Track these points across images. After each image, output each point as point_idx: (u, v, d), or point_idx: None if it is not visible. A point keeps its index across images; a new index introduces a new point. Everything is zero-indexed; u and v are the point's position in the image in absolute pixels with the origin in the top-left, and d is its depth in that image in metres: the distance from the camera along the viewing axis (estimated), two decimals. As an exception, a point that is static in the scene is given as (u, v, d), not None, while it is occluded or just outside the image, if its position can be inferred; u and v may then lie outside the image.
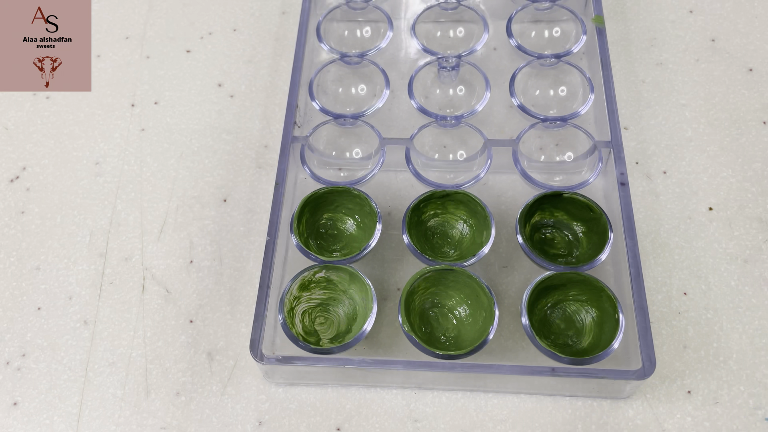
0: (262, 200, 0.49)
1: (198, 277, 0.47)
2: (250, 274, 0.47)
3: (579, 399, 0.41)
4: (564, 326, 0.42)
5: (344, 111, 0.50)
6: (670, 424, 0.41)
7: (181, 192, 0.50)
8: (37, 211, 0.50)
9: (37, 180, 0.51)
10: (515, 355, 0.42)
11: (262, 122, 0.53)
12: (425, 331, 0.42)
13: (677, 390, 0.42)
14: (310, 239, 0.45)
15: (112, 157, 0.52)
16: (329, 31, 0.54)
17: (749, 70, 0.54)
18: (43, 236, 0.49)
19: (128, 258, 0.48)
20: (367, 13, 0.55)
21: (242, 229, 0.48)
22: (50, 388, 0.43)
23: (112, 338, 0.45)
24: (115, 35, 0.58)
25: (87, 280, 0.47)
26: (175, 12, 0.59)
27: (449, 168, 0.49)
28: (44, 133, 0.53)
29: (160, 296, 0.46)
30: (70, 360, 0.44)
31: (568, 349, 0.40)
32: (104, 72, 0.56)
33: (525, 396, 0.42)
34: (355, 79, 0.53)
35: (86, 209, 0.50)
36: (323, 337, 0.42)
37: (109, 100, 0.55)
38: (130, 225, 0.49)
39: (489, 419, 0.41)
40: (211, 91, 0.55)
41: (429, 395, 0.42)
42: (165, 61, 0.56)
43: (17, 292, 0.47)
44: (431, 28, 0.55)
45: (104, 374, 0.44)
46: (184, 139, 0.53)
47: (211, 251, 0.48)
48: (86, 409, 0.43)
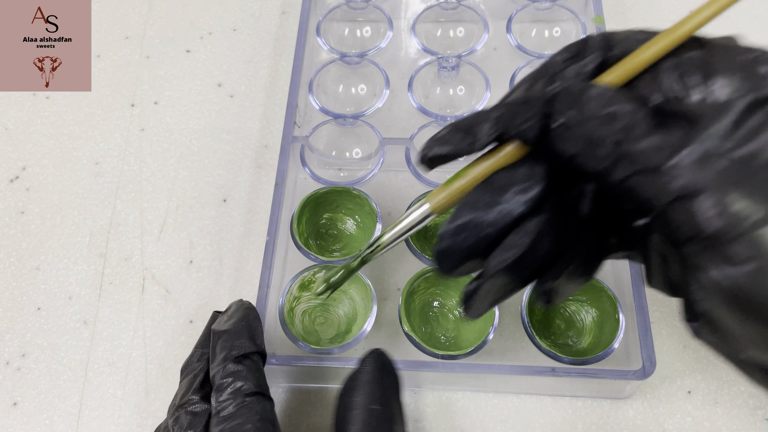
0: (262, 200, 0.50)
1: (198, 277, 0.47)
2: (250, 274, 0.47)
3: (579, 399, 0.42)
4: (564, 326, 0.42)
5: (344, 111, 0.51)
6: (670, 424, 0.41)
7: (181, 192, 0.51)
8: (37, 211, 0.50)
9: (37, 180, 0.52)
10: (515, 356, 0.42)
11: (261, 122, 0.54)
12: (425, 331, 0.42)
13: (677, 390, 0.42)
14: (310, 239, 0.46)
15: (112, 157, 0.53)
16: (329, 30, 0.55)
17: (751, 70, 0.54)
18: (42, 236, 0.49)
19: (128, 258, 0.48)
20: (367, 12, 0.55)
21: (242, 229, 0.49)
22: (50, 389, 0.44)
23: (112, 338, 0.45)
24: (115, 35, 0.59)
25: (87, 280, 0.47)
26: (175, 12, 0.60)
27: (449, 168, 0.49)
28: (44, 133, 0.54)
29: (159, 296, 0.47)
30: (70, 360, 0.45)
31: (568, 349, 0.41)
32: (104, 72, 0.57)
33: (525, 396, 0.42)
34: (355, 79, 0.53)
35: (86, 209, 0.50)
36: (323, 337, 0.43)
37: (109, 100, 0.55)
38: (130, 225, 0.50)
39: (489, 419, 0.42)
40: (211, 91, 0.56)
41: (429, 396, 0.43)
42: (165, 61, 0.57)
43: (17, 292, 0.47)
44: (431, 28, 0.55)
45: (104, 374, 0.44)
46: (184, 139, 0.53)
47: (211, 251, 0.48)
48: (86, 409, 0.43)
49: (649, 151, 0.25)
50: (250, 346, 0.36)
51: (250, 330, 0.37)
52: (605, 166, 0.26)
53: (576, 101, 0.26)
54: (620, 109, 0.26)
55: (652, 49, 0.28)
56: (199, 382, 0.36)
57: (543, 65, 0.30)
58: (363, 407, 0.33)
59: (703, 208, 0.23)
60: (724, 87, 0.26)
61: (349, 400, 0.34)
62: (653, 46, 0.28)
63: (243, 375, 0.34)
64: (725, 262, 0.23)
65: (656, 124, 0.25)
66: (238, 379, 0.34)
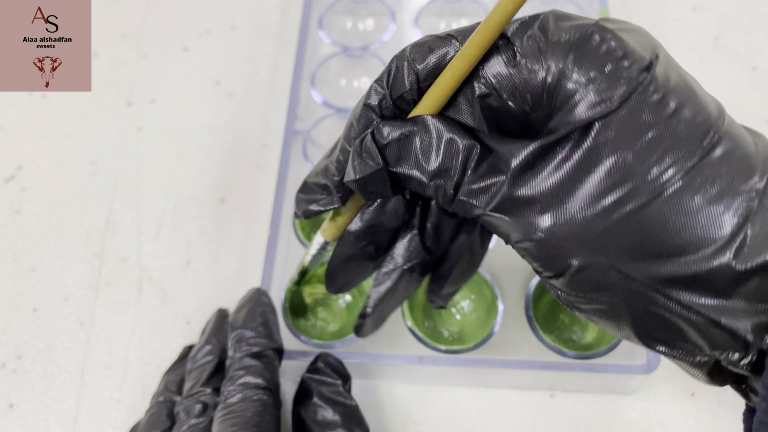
0: (261, 200, 0.50)
1: (195, 278, 0.48)
2: (248, 275, 0.48)
3: (583, 397, 0.42)
4: (568, 321, 0.42)
5: (346, 105, 0.51)
6: (673, 426, 0.41)
7: (178, 192, 0.51)
8: (33, 211, 0.51)
9: (33, 179, 0.52)
10: (519, 350, 0.42)
11: (260, 121, 0.54)
12: (428, 326, 0.42)
13: (681, 392, 0.42)
14: (312, 233, 0.46)
15: (109, 156, 0.53)
16: (331, 24, 0.56)
17: (753, 69, 0.54)
18: (38, 236, 0.50)
19: (125, 259, 0.49)
20: (370, 5, 0.56)
21: (240, 229, 0.49)
22: (46, 390, 0.44)
23: (109, 340, 0.46)
24: (112, 33, 0.59)
25: (83, 281, 0.48)
26: (173, 10, 0.60)
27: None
28: (40, 132, 0.54)
29: (157, 297, 0.47)
30: (67, 362, 0.45)
31: (573, 344, 0.41)
32: (101, 70, 0.57)
33: (527, 397, 0.42)
34: (358, 73, 0.54)
35: (82, 209, 0.51)
36: (325, 332, 0.43)
37: (106, 98, 0.56)
38: (127, 225, 0.50)
39: (490, 421, 0.42)
40: (208, 89, 0.56)
41: (430, 397, 0.43)
42: (162, 60, 0.58)
43: (13, 293, 0.48)
44: (434, 22, 0.56)
45: (101, 376, 0.45)
46: (182, 138, 0.54)
47: (209, 251, 0.49)
48: (82, 411, 0.43)
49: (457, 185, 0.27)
50: (267, 344, 0.38)
51: (268, 325, 0.39)
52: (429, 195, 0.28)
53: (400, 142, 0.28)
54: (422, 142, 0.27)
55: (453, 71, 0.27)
56: (209, 374, 0.38)
57: (363, 111, 0.29)
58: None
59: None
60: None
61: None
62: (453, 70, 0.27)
63: (256, 370, 0.36)
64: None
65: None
66: (249, 374, 0.36)
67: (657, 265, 0.24)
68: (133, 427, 0.40)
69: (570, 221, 0.24)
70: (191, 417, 0.36)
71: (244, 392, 0.35)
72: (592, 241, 0.24)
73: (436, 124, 0.27)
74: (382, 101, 0.28)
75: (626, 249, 0.24)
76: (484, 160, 0.26)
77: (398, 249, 0.33)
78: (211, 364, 0.39)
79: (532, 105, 0.26)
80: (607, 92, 0.24)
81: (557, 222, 0.24)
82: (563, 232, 0.24)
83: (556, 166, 0.25)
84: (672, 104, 0.24)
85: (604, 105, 0.24)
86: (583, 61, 0.25)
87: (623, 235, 0.24)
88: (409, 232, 0.33)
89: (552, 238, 0.25)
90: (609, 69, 0.24)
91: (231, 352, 0.38)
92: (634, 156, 0.24)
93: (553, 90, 0.25)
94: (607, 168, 0.24)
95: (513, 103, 0.26)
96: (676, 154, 0.23)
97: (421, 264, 0.33)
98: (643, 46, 0.25)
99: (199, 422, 0.36)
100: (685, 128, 0.24)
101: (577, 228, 0.24)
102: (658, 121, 0.24)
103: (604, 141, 0.24)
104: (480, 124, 0.27)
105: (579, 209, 0.24)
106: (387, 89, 0.28)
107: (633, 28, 0.26)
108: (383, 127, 0.27)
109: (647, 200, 0.23)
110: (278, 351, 0.39)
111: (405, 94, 0.27)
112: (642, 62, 0.24)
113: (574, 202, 0.24)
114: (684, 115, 0.24)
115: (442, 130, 0.27)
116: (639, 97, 0.24)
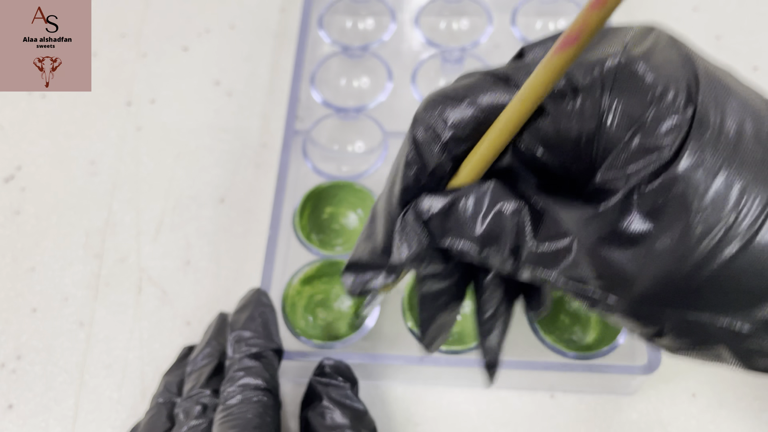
0: (261, 200, 0.51)
1: (195, 278, 0.48)
2: (248, 275, 0.48)
3: (583, 398, 0.43)
4: (569, 321, 0.43)
5: (346, 104, 0.52)
6: (674, 427, 0.42)
7: (177, 192, 0.52)
8: (33, 211, 0.52)
9: (33, 180, 0.53)
10: (519, 351, 0.43)
11: (260, 121, 0.55)
12: (428, 326, 0.43)
13: (681, 393, 0.43)
14: (312, 233, 0.47)
15: (108, 156, 0.54)
16: (331, 23, 0.56)
17: (754, 69, 0.55)
18: (38, 237, 0.51)
19: (124, 259, 0.49)
20: (369, 5, 0.57)
21: (240, 229, 0.50)
22: (45, 391, 0.45)
23: (108, 340, 0.47)
24: (111, 33, 0.60)
25: (83, 282, 0.49)
26: (172, 9, 0.61)
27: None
28: (39, 132, 0.55)
29: (156, 298, 0.48)
30: (66, 362, 0.46)
31: (573, 344, 0.42)
32: (100, 70, 0.58)
33: (528, 392, 0.43)
34: (358, 72, 0.55)
35: (82, 209, 0.51)
36: (325, 333, 0.44)
37: (105, 98, 0.56)
38: (126, 225, 0.51)
39: (491, 422, 0.43)
40: (208, 89, 0.57)
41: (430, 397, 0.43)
42: (161, 59, 0.58)
43: (12, 294, 0.48)
44: (435, 21, 0.57)
45: (100, 377, 0.45)
46: (181, 138, 0.54)
47: (209, 252, 0.49)
48: (82, 412, 0.44)
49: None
50: (266, 344, 0.39)
51: (267, 326, 0.40)
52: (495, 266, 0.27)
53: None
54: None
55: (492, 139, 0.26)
56: (208, 375, 0.39)
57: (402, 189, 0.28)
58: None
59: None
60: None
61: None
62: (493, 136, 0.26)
63: (256, 371, 0.37)
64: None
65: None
66: (249, 375, 0.37)
67: (758, 310, 0.22)
68: (133, 428, 0.41)
69: (663, 280, 0.23)
70: (191, 418, 0.37)
71: (243, 393, 0.36)
72: (690, 298, 0.23)
73: (478, 190, 0.26)
74: (419, 173, 0.27)
75: (726, 299, 0.22)
76: (539, 224, 0.25)
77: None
78: (211, 365, 0.40)
79: (571, 157, 0.25)
80: (656, 140, 0.23)
81: (649, 283, 0.23)
82: (657, 291, 0.23)
83: (626, 227, 0.23)
84: (731, 126, 0.23)
85: (657, 153, 0.23)
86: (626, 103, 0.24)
87: (721, 286, 0.22)
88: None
89: (646, 299, 0.23)
90: (652, 114, 0.23)
91: (230, 352, 0.38)
92: (712, 202, 0.22)
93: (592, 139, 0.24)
94: (688, 221, 0.22)
95: (551, 155, 0.26)
96: (757, 187, 0.22)
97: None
98: (675, 67, 0.25)
99: (199, 424, 0.36)
100: (752, 149, 0.23)
101: (671, 286, 0.23)
102: (725, 157, 0.22)
103: (678, 192, 0.22)
104: (518, 168, 0.27)
105: (671, 267, 0.22)
106: (419, 161, 0.27)
107: (659, 44, 0.26)
108: (423, 201, 0.27)
109: (742, 245, 0.22)
110: (278, 351, 0.39)
111: (437, 169, 0.27)
112: (682, 95, 0.24)
113: (663, 260, 0.23)
114: (746, 134, 0.23)
115: (484, 196, 0.26)
116: (694, 134, 0.23)
